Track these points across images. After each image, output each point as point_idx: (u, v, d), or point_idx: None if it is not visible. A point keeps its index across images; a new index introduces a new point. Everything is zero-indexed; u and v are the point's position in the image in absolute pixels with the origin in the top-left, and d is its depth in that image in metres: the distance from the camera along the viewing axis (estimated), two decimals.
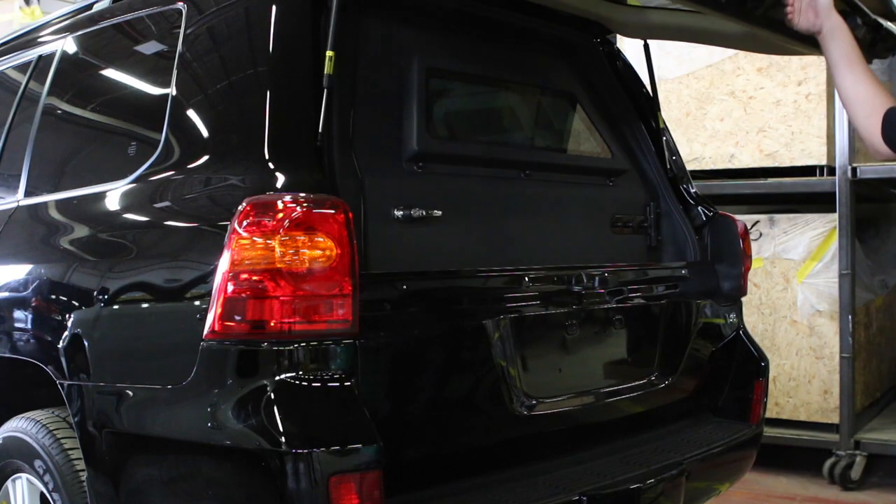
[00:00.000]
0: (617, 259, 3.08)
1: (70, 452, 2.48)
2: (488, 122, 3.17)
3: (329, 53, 2.27)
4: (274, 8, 2.37)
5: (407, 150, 2.53)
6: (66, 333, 2.45)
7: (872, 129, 2.42)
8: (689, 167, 3.64)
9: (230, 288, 2.08)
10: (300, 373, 2.08)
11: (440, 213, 2.51)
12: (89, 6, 3.05)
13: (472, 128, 3.08)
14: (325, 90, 2.26)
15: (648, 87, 3.41)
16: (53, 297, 2.62)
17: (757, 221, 5.01)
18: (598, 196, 3.11)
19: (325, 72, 2.26)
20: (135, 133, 2.76)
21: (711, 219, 3.25)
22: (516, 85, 3.10)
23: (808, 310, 4.93)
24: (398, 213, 2.44)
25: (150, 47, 2.81)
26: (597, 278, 2.75)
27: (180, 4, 2.60)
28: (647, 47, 3.39)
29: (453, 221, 2.58)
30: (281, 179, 2.22)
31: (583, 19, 3.19)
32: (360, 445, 2.05)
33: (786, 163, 4.99)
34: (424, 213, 2.46)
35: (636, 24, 3.19)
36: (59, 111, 3.04)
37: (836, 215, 4.79)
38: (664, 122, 3.34)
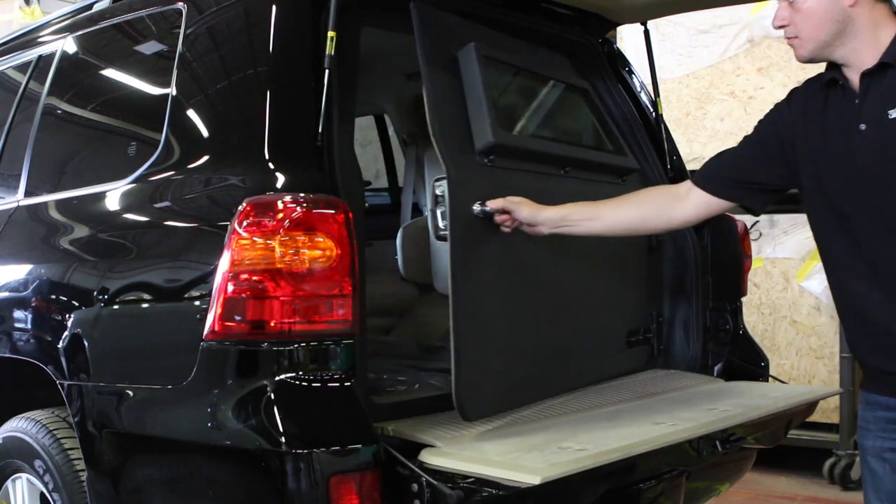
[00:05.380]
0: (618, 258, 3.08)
1: (70, 452, 2.48)
2: (534, 117, 3.14)
3: (331, 34, 2.26)
4: (274, 8, 2.37)
5: (481, 143, 2.45)
6: (66, 333, 2.45)
7: (671, 207, 2.41)
8: (689, 167, 3.64)
9: (230, 288, 2.08)
10: (300, 373, 2.08)
11: None
12: (89, 6, 3.05)
13: (524, 122, 3.05)
14: (327, 70, 2.25)
15: (649, 85, 3.40)
16: (53, 297, 2.62)
17: (757, 221, 5.01)
18: (612, 194, 3.10)
19: (327, 52, 2.25)
20: (135, 133, 2.76)
21: (711, 219, 3.25)
22: (551, 81, 3.07)
23: (808, 310, 4.93)
24: (476, 209, 2.36)
25: (150, 47, 2.81)
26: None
27: (180, 4, 2.60)
28: (648, 44, 3.38)
29: None
30: (281, 179, 2.21)
31: (582, 18, 3.19)
32: (360, 445, 2.05)
33: None
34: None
35: (634, 5, 3.17)
36: (59, 111, 3.04)
37: None
38: (665, 122, 3.34)
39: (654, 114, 3.33)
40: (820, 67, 2.26)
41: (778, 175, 2.29)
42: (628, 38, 5.06)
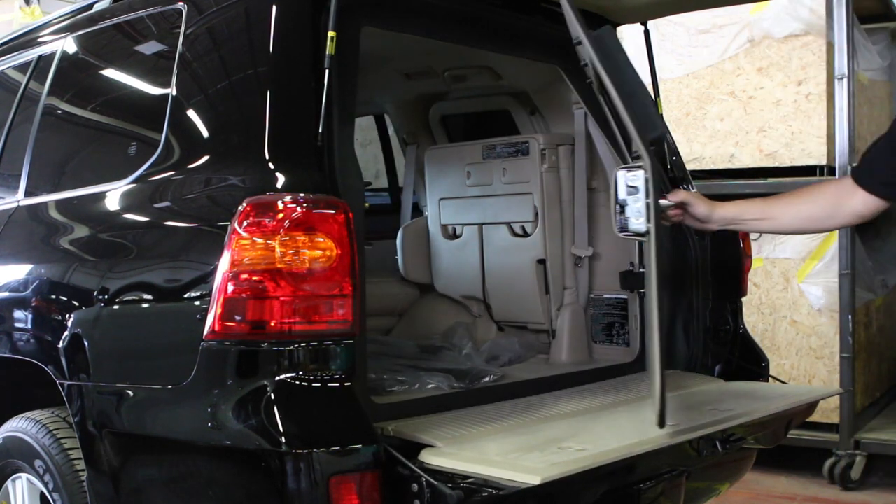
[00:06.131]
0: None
1: (70, 452, 2.48)
2: None
3: (331, 34, 2.26)
4: (274, 8, 2.37)
5: (654, 133, 2.39)
6: (66, 333, 2.45)
7: (842, 205, 2.27)
8: (689, 167, 3.64)
9: (230, 288, 2.08)
10: (300, 373, 2.08)
11: None
12: (89, 6, 3.05)
13: None
14: (327, 70, 2.24)
15: (649, 85, 3.39)
16: (53, 297, 2.62)
17: None
18: None
19: (327, 52, 2.25)
20: (135, 133, 2.76)
21: None
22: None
23: (808, 310, 4.93)
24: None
25: (150, 47, 2.81)
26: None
27: (180, 4, 2.60)
28: (648, 44, 3.37)
29: None
30: (281, 179, 2.21)
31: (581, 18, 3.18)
32: (360, 445, 2.05)
33: (786, 163, 4.99)
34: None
35: (634, 5, 3.16)
36: (60, 111, 3.04)
37: None
38: (664, 122, 3.34)
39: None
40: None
41: None
42: (628, 38, 5.04)
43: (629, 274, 3.17)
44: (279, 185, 2.20)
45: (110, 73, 2.98)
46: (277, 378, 2.07)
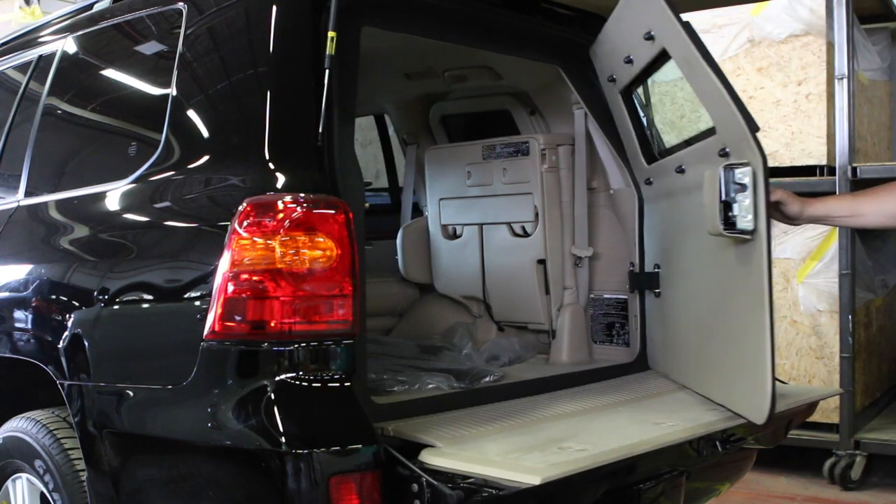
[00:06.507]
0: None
1: (70, 452, 2.48)
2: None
3: (331, 34, 2.26)
4: (274, 8, 2.37)
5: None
6: (66, 333, 2.45)
7: None
8: None
9: (230, 288, 2.08)
10: (300, 373, 2.08)
11: None
12: (89, 6, 3.05)
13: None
14: (327, 71, 2.24)
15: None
16: (53, 297, 2.62)
17: None
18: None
19: (327, 52, 2.24)
20: (135, 133, 2.76)
21: None
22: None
23: (808, 310, 4.93)
24: None
25: (150, 47, 2.81)
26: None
27: (180, 4, 2.60)
28: None
29: None
30: (281, 179, 2.21)
31: (582, 18, 3.19)
32: (360, 446, 2.06)
33: (786, 163, 4.99)
34: None
35: None
36: (60, 111, 3.04)
37: None
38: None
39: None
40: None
41: None
42: None
43: (638, 274, 3.16)
44: (279, 185, 2.20)
45: (110, 73, 2.98)
46: (277, 378, 2.07)
